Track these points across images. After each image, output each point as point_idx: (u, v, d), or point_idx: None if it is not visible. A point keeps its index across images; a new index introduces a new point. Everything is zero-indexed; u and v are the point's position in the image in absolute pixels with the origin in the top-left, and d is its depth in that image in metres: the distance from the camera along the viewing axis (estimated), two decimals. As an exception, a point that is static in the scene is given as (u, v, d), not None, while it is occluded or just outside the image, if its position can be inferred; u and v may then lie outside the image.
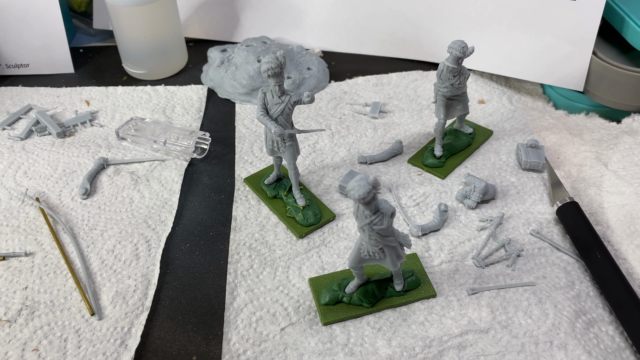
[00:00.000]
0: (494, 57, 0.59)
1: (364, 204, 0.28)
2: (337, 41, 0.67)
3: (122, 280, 0.40)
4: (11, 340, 0.36)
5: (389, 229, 0.30)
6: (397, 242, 0.32)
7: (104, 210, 0.46)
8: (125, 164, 0.51)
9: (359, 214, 0.30)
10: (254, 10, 0.68)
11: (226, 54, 0.63)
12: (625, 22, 0.52)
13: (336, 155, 0.51)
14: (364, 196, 0.27)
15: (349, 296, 0.38)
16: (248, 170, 0.50)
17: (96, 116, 0.57)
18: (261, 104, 0.40)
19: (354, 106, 0.58)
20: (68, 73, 0.65)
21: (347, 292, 0.38)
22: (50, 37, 0.62)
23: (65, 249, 0.43)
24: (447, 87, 0.46)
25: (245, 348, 0.36)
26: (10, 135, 0.54)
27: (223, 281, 0.40)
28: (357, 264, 0.34)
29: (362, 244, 0.32)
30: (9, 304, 0.38)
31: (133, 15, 0.57)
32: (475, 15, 0.59)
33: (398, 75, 0.63)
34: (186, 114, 0.57)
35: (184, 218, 0.46)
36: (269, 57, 0.38)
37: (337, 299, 0.38)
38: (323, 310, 0.37)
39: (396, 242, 0.32)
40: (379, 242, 0.31)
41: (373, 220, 0.29)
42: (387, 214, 0.29)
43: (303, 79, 0.60)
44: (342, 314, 0.37)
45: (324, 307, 0.38)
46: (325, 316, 0.37)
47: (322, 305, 0.38)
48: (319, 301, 0.38)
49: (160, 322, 0.38)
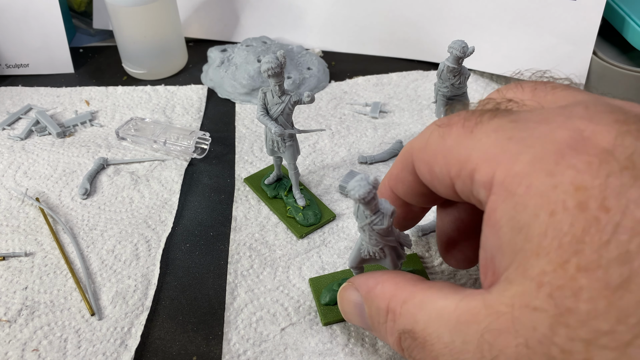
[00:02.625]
0: (495, 57, 0.59)
1: (364, 204, 0.28)
2: (337, 41, 0.67)
3: (122, 280, 0.40)
4: (11, 341, 0.36)
5: (390, 229, 0.30)
6: (398, 242, 0.32)
7: (103, 210, 0.46)
8: (125, 164, 0.51)
9: (359, 214, 0.30)
10: (254, 10, 0.68)
11: (226, 53, 0.62)
12: (626, 22, 0.52)
13: (336, 155, 0.51)
14: (364, 196, 0.27)
15: None
16: (248, 170, 0.50)
17: (96, 116, 0.57)
18: (261, 103, 0.40)
19: (354, 106, 0.58)
20: (68, 73, 0.65)
21: None
22: (50, 37, 0.62)
23: (65, 249, 0.42)
24: (447, 87, 0.45)
25: (246, 348, 0.36)
26: (10, 135, 0.54)
27: (223, 281, 0.40)
28: (358, 264, 0.34)
29: (363, 244, 0.32)
30: (9, 304, 0.38)
31: (133, 15, 0.57)
32: (476, 15, 0.59)
33: (398, 75, 0.63)
34: (186, 114, 0.57)
35: (184, 218, 0.46)
36: (269, 57, 0.38)
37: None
38: (323, 310, 0.37)
39: (396, 242, 0.32)
40: (380, 242, 0.31)
41: (373, 220, 0.29)
42: (387, 213, 0.29)
43: (303, 78, 0.60)
44: (342, 315, 0.37)
45: (324, 307, 0.37)
46: (325, 316, 0.37)
47: (323, 306, 0.38)
48: (319, 301, 0.38)
49: (160, 322, 0.38)
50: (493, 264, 0.22)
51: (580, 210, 0.19)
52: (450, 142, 0.25)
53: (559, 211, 0.19)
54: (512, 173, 0.21)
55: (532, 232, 0.20)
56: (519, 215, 0.21)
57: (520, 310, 0.20)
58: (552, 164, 0.21)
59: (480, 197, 0.23)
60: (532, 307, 0.19)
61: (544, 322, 0.19)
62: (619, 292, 0.18)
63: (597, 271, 0.18)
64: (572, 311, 0.18)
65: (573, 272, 0.19)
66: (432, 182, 0.27)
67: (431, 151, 0.26)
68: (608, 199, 0.19)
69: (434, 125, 0.27)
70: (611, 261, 0.18)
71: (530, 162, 0.21)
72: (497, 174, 0.22)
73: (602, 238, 0.18)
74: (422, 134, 0.28)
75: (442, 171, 0.26)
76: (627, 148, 0.20)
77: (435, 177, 0.26)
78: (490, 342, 0.20)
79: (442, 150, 0.25)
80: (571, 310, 0.18)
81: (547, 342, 0.19)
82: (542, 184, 0.20)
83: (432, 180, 0.27)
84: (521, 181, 0.21)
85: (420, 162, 0.27)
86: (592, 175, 0.20)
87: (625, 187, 0.19)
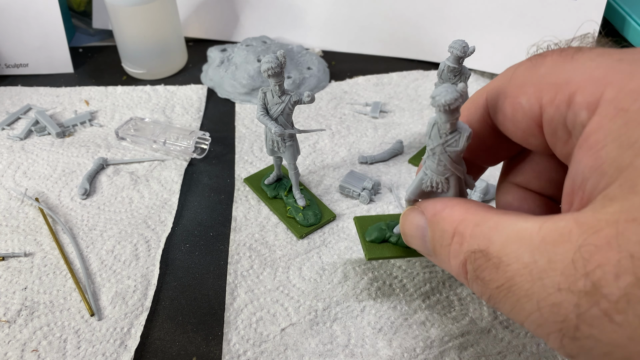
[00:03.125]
0: (495, 56, 0.59)
1: (448, 113, 0.26)
2: (337, 41, 0.67)
3: (122, 280, 0.40)
4: (10, 341, 0.36)
5: (461, 155, 0.28)
6: (465, 175, 0.30)
7: (103, 210, 0.46)
8: (124, 164, 0.51)
9: (433, 133, 0.28)
10: (253, 10, 0.68)
11: (226, 53, 0.62)
12: (627, 22, 0.52)
13: (336, 155, 0.51)
14: (450, 102, 0.25)
15: (396, 236, 0.37)
16: (248, 170, 0.50)
17: (95, 116, 0.57)
18: (261, 103, 0.40)
19: (354, 106, 0.58)
20: (67, 73, 0.65)
21: (396, 232, 0.37)
22: (49, 37, 0.62)
23: (64, 250, 0.42)
24: (447, 86, 0.45)
25: (246, 348, 0.36)
26: (10, 135, 0.54)
27: (223, 281, 0.40)
28: (417, 196, 0.32)
29: (427, 174, 0.30)
30: (9, 305, 0.38)
31: (132, 14, 0.57)
32: (476, 15, 0.59)
33: (398, 74, 0.62)
34: (186, 114, 0.57)
35: (184, 218, 0.46)
36: (269, 57, 0.37)
37: (384, 237, 0.37)
38: (368, 246, 0.37)
39: (464, 174, 0.30)
40: (447, 169, 0.29)
41: (448, 140, 0.27)
42: (465, 133, 0.27)
43: (303, 78, 0.60)
44: (387, 252, 0.37)
45: (369, 243, 0.37)
46: (370, 252, 0.36)
47: (368, 242, 0.37)
48: (364, 238, 0.37)
49: (160, 322, 0.38)
50: (583, 188, 0.21)
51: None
52: (545, 69, 0.23)
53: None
54: (627, 90, 0.20)
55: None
56: (630, 131, 0.19)
57: (626, 225, 0.19)
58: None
59: (579, 120, 0.22)
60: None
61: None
62: None
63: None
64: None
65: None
66: (514, 118, 0.25)
67: (518, 82, 0.24)
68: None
69: (523, 61, 0.25)
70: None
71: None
72: (607, 92, 0.21)
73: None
74: (503, 73, 0.26)
75: (529, 101, 0.24)
76: None
77: (519, 110, 0.24)
78: (586, 258, 0.19)
79: (534, 79, 0.24)
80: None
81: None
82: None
83: (513, 115, 0.25)
84: (637, 97, 0.20)
85: (501, 98, 0.25)
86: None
87: None
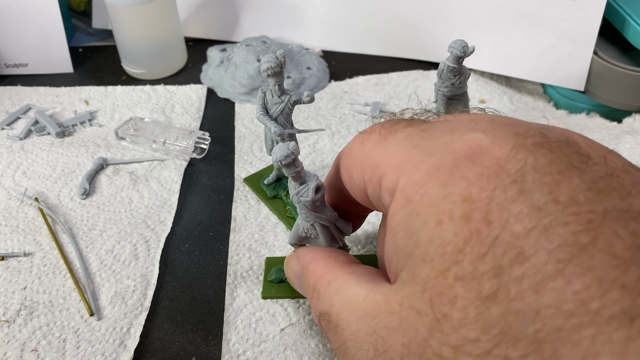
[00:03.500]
0: (495, 56, 0.59)
1: (284, 167, 0.29)
2: (337, 41, 0.67)
3: (121, 280, 0.40)
4: (10, 341, 0.36)
5: (318, 205, 0.31)
6: (332, 223, 0.32)
7: (103, 210, 0.46)
8: (124, 164, 0.51)
9: (290, 185, 0.31)
10: (253, 10, 0.68)
11: (226, 53, 0.62)
12: (627, 22, 0.52)
13: (336, 155, 0.51)
14: (280, 159, 0.29)
15: None
16: (248, 170, 0.50)
17: (95, 116, 0.57)
18: (261, 103, 0.40)
19: (354, 106, 0.58)
20: (67, 73, 0.65)
21: None
22: (49, 37, 0.62)
23: (64, 249, 0.42)
24: (447, 86, 0.45)
25: (245, 348, 0.36)
26: (9, 135, 0.54)
27: (222, 282, 0.40)
28: (297, 241, 0.35)
29: (298, 221, 0.34)
30: (8, 304, 0.38)
31: (132, 14, 0.57)
32: (476, 15, 0.59)
33: (398, 74, 0.62)
34: (185, 114, 0.57)
35: (184, 218, 0.46)
36: (269, 57, 0.37)
37: (281, 278, 0.39)
38: (266, 286, 0.39)
39: (329, 222, 0.32)
40: (309, 217, 0.32)
41: (300, 191, 0.31)
42: (311, 185, 0.30)
43: (303, 78, 0.60)
44: (282, 292, 0.38)
45: (268, 283, 0.39)
46: (265, 291, 0.38)
47: (267, 282, 0.39)
48: (265, 278, 0.39)
49: (159, 322, 0.38)
50: (391, 265, 0.24)
51: (465, 222, 0.20)
52: (367, 148, 0.26)
53: (445, 220, 0.20)
54: (412, 181, 0.22)
55: (420, 239, 0.21)
56: (412, 222, 0.22)
57: (408, 312, 0.21)
58: (447, 174, 0.21)
59: (385, 202, 0.24)
60: (417, 309, 0.20)
61: (424, 325, 0.20)
62: (487, 303, 0.18)
63: (472, 282, 0.19)
64: (447, 317, 0.19)
65: (452, 281, 0.19)
66: (351, 188, 0.28)
67: (352, 157, 0.28)
68: (491, 212, 0.19)
69: (358, 133, 0.28)
70: (485, 273, 0.19)
71: (428, 171, 0.22)
72: (400, 181, 0.23)
73: (481, 250, 0.19)
74: (350, 142, 0.29)
75: (358, 176, 0.27)
76: (519, 161, 0.20)
77: (353, 183, 0.28)
78: (383, 337, 0.22)
79: (360, 156, 0.27)
80: (446, 317, 0.19)
81: (424, 345, 0.20)
82: (435, 193, 0.21)
83: (351, 186, 0.28)
84: (418, 189, 0.22)
85: (343, 168, 0.29)
86: (481, 188, 0.20)
87: (509, 200, 0.19)
